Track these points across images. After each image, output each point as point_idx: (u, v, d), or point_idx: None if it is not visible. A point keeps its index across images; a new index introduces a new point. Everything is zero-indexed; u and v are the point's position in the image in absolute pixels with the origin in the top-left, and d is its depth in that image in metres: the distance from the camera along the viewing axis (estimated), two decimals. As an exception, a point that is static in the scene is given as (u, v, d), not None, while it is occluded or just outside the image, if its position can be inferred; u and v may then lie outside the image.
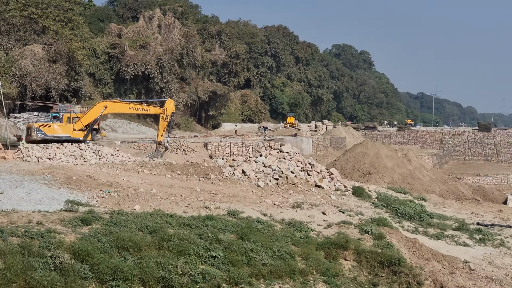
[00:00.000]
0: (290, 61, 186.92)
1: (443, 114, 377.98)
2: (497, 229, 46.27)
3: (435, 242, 38.00)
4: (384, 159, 69.43)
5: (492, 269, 34.92)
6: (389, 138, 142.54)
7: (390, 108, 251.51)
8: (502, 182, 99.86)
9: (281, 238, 29.07)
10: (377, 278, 27.80)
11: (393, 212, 43.42)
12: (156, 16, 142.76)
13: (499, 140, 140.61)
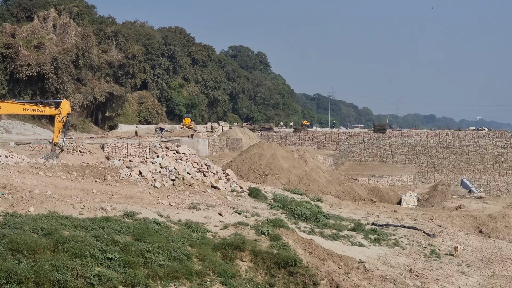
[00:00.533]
0: (187, 62, 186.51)
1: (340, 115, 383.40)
2: (392, 229, 47.24)
3: (331, 243, 38.49)
4: (280, 160, 69.91)
5: (386, 268, 35.59)
6: (285, 139, 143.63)
7: (286, 109, 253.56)
8: (396, 183, 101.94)
9: (177, 239, 28.94)
10: (274, 279, 27.93)
11: (290, 213, 43.76)
12: (51, 16, 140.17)
13: (394, 141, 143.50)
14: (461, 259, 42.82)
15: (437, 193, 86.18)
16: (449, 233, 51.06)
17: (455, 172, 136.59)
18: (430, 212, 63.80)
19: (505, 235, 57.31)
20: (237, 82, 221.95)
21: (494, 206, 72.53)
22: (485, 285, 37.28)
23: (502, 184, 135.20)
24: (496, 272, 40.99)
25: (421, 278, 35.93)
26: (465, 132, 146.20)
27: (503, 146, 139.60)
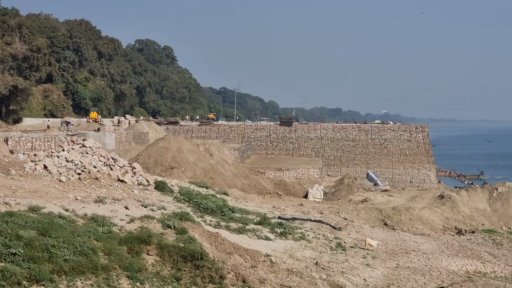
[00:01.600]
0: (93, 56, 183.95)
1: (246, 109, 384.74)
2: (298, 222, 47.75)
3: (237, 236, 38.69)
4: (186, 153, 69.82)
5: (293, 261, 35.97)
6: (191, 133, 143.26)
7: (192, 103, 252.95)
8: (303, 176, 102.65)
9: (83, 234, 28.70)
10: (180, 273, 27.96)
11: (196, 207, 43.82)
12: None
13: (300, 134, 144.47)
14: (374, 253, 43.65)
15: (343, 186, 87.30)
16: (355, 226, 51.95)
17: (361, 165, 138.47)
18: (336, 206, 64.74)
19: (409, 228, 58.59)
20: (143, 76, 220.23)
21: (398, 199, 74.02)
22: (389, 276, 38.07)
23: (406, 177, 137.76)
24: (400, 264, 41.91)
25: (327, 270, 36.46)
26: (370, 126, 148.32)
27: (408, 140, 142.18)
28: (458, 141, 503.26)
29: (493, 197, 74.96)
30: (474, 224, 65.59)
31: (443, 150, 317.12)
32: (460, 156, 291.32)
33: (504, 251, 53.76)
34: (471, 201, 72.55)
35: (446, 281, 38.54)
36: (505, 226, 69.13)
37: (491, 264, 46.15)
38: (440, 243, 52.83)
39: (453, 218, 65.72)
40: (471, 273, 41.90)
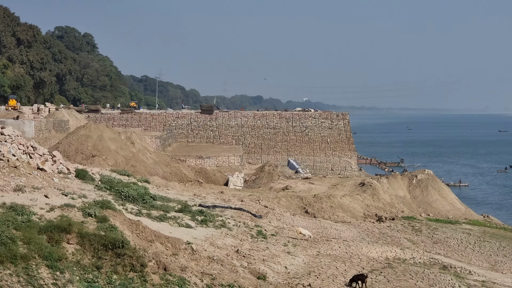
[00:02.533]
0: (11, 43, 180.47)
1: (167, 97, 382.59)
2: (219, 210, 47.77)
3: (158, 224, 38.54)
4: (107, 141, 69.25)
5: (214, 249, 35.97)
6: (112, 121, 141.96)
7: (114, 91, 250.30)
8: (223, 164, 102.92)
9: (1, 223, 28.16)
10: (101, 261, 27.70)
11: (117, 195, 43.46)
12: None
13: (221, 122, 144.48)
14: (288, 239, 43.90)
15: (264, 174, 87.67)
16: (275, 214, 52.21)
17: (282, 153, 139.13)
18: (257, 193, 64.98)
19: (330, 215, 59.15)
20: (63, 63, 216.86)
21: (320, 186, 74.65)
22: (310, 264, 38.39)
23: (327, 165, 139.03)
24: (321, 252, 42.31)
25: (248, 258, 36.57)
26: (291, 113, 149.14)
27: (329, 127, 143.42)
28: (379, 128, 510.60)
29: (412, 184, 76.30)
30: (394, 211, 66.61)
31: (364, 137, 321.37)
32: (380, 144, 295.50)
33: (423, 237, 54.81)
34: (391, 189, 73.69)
35: (366, 267, 39.07)
36: (424, 213, 70.44)
37: (411, 250, 46.99)
38: (360, 230, 53.54)
39: (374, 205, 66.62)
40: (390, 260, 42.55)
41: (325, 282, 34.64)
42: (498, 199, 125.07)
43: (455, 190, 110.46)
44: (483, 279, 40.58)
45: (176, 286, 28.37)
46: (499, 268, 47.54)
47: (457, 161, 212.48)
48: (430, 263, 43.29)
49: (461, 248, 52.68)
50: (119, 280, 27.01)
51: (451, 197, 77.11)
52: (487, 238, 57.81)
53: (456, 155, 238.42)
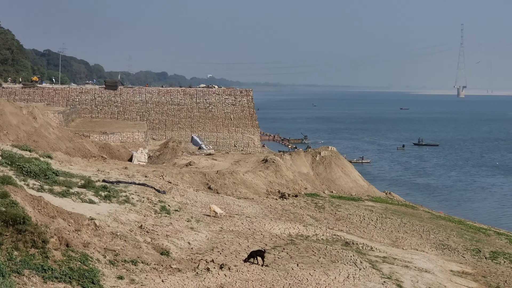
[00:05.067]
0: None
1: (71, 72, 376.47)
2: (123, 186, 47.46)
3: (61, 200, 38.06)
4: (8, 116, 67.79)
5: (117, 225, 35.78)
6: (14, 96, 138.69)
7: (15, 65, 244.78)
8: (128, 140, 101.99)
9: None
10: (1, 238, 27.22)
11: (18, 170, 42.66)
12: None
13: (126, 98, 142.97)
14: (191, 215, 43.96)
15: (168, 150, 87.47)
16: (179, 190, 52.17)
17: (186, 129, 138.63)
18: (161, 169, 64.73)
19: (233, 191, 59.40)
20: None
21: (223, 162, 74.85)
22: (213, 240, 38.56)
23: (231, 141, 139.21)
24: (224, 228, 42.51)
25: (151, 234, 36.50)
26: (196, 90, 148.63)
27: (232, 104, 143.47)
28: (283, 105, 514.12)
29: (316, 161, 77.11)
30: (297, 188, 67.26)
31: (268, 114, 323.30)
32: (284, 120, 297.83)
33: (326, 214, 55.53)
34: (294, 165, 74.32)
35: (269, 244, 39.42)
36: (327, 189, 71.35)
37: (313, 227, 47.58)
38: (263, 206, 53.92)
39: (277, 182, 67.12)
40: (293, 236, 43.02)
41: (228, 258, 34.83)
42: (398, 176, 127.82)
43: (357, 166, 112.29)
44: (384, 255, 41.45)
45: (78, 262, 28.14)
46: (400, 244, 48.58)
47: (360, 138, 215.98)
48: (332, 239, 43.93)
49: (363, 224, 53.61)
50: (20, 256, 26.61)
51: (354, 174, 78.32)
52: (388, 215, 58.99)
53: (359, 132, 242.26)
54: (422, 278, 37.03)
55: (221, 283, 31.03)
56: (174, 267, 32.05)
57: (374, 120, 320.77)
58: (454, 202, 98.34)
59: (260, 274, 33.06)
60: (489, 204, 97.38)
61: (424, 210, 71.04)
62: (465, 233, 56.60)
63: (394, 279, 35.46)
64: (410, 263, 40.54)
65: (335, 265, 36.16)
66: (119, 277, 29.02)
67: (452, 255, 47.47)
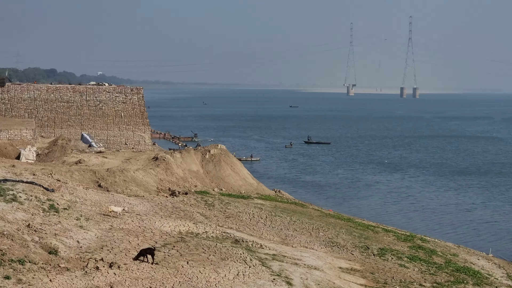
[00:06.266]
0: None
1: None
2: (10, 184, 46.44)
3: None
4: None
5: (4, 224, 35.10)
6: None
7: None
8: (15, 137, 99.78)
9: None
10: None
11: None
12: None
13: (13, 95, 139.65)
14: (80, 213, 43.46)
15: (57, 147, 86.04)
16: (68, 188, 51.43)
17: (76, 127, 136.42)
18: (49, 167, 63.71)
19: (124, 189, 59.02)
20: None
21: (113, 160, 74.17)
22: (103, 238, 38.26)
23: (121, 139, 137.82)
24: (114, 226, 42.20)
25: (39, 233, 35.93)
26: (85, 87, 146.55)
27: (123, 102, 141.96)
28: (174, 103, 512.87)
29: (206, 159, 77.31)
30: (187, 185, 67.34)
31: (158, 112, 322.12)
32: (175, 118, 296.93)
33: (215, 212, 55.76)
34: (184, 163, 74.33)
35: (160, 242, 39.38)
36: (217, 187, 71.64)
37: (203, 224, 47.74)
38: (154, 204, 53.76)
39: (167, 179, 67.03)
40: (184, 234, 43.08)
41: (117, 256, 34.65)
42: (287, 174, 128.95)
43: (247, 164, 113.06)
44: (274, 252, 41.94)
45: (-38, 262, 27.54)
46: (290, 242, 49.19)
47: (249, 136, 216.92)
48: (222, 237, 44.18)
49: (253, 222, 54.04)
50: None
51: (244, 172, 78.87)
52: (278, 213, 59.62)
53: (249, 129, 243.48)
54: (312, 275, 37.63)
55: (111, 281, 30.85)
56: (63, 266, 31.69)
57: (264, 118, 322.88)
58: (341, 199, 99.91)
59: (150, 272, 33.02)
60: (375, 201, 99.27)
61: (314, 208, 72.13)
62: (354, 231, 57.78)
63: (283, 276, 35.91)
64: (300, 260, 41.13)
65: (225, 262, 36.41)
66: (6, 277, 28.51)
67: (341, 252, 48.38)
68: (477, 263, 53.46)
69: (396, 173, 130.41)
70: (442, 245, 60.17)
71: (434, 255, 52.49)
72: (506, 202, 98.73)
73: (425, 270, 46.14)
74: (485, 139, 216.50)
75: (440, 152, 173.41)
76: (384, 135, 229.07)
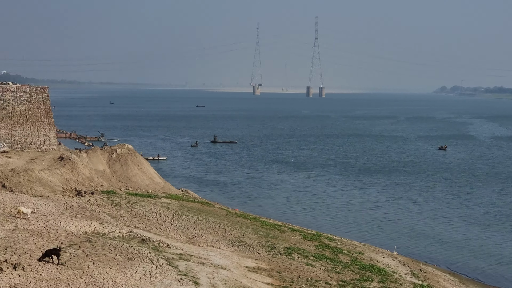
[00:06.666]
0: None
1: None
2: None
3: None
4: None
5: None
6: None
7: None
8: None
9: None
10: None
11: None
12: None
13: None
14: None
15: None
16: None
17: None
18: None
19: (28, 189, 58.22)
20: None
21: (17, 160, 73.06)
22: (7, 239, 37.69)
23: (26, 139, 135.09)
24: (18, 226, 41.60)
25: None
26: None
27: (28, 101, 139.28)
28: (80, 103, 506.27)
29: (112, 158, 76.82)
30: (94, 185, 66.81)
31: (64, 111, 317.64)
32: (81, 118, 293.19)
33: (122, 211, 55.50)
34: (91, 163, 73.74)
35: (65, 242, 39.03)
36: (124, 187, 71.29)
37: (110, 224, 47.49)
38: (59, 204, 53.18)
39: (73, 179, 66.37)
40: (90, 234, 42.79)
41: (22, 258, 34.22)
42: (194, 173, 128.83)
43: (154, 164, 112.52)
44: (181, 252, 42.02)
45: None
46: (196, 241, 49.30)
47: (156, 135, 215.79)
48: (129, 237, 44.04)
49: (160, 221, 53.99)
50: None
51: (150, 172, 78.64)
52: (185, 212, 59.68)
53: (155, 129, 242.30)
54: (218, 274, 37.84)
55: (15, 283, 30.46)
56: (-35, 268, 31.14)
57: (170, 118, 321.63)
58: (247, 198, 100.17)
59: (56, 273, 32.71)
60: (280, 200, 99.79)
61: (220, 207, 72.41)
62: (261, 230, 58.20)
63: (190, 276, 36.03)
64: (207, 259, 41.30)
65: (131, 262, 36.32)
66: None
67: (248, 251, 48.70)
68: (382, 261, 54.58)
69: (302, 172, 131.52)
70: (348, 243, 61.18)
71: (340, 253, 53.34)
72: (409, 200, 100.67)
73: (331, 268, 46.84)
74: (390, 138, 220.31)
75: (345, 151, 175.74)
76: (290, 134, 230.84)
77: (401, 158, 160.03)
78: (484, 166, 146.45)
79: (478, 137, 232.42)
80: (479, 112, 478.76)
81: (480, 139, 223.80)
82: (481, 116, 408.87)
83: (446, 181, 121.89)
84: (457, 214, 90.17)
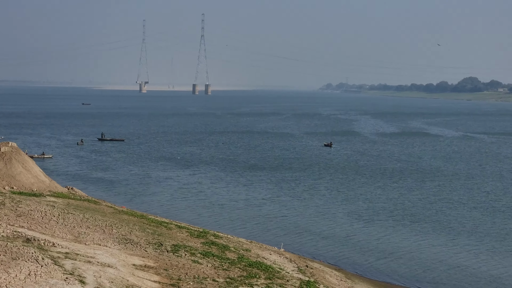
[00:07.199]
0: None
1: None
2: None
3: None
4: None
5: None
6: None
7: None
8: None
9: None
10: None
11: None
12: None
13: None
14: None
15: None
16: None
17: None
18: None
19: None
20: None
21: None
22: None
23: None
24: None
25: None
26: None
27: None
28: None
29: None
30: (-26, 184, 65.43)
31: None
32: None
33: (6, 210, 54.61)
34: (-28, 161, 72.19)
35: None
36: (8, 185, 70.14)
37: None
38: None
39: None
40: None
41: None
42: (80, 170, 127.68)
43: (39, 162, 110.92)
44: (66, 250, 41.73)
45: None
46: (83, 239, 48.97)
47: (41, 133, 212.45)
48: (13, 236, 43.46)
49: (45, 220, 53.36)
50: None
51: (36, 170, 77.51)
52: (71, 210, 59.14)
53: (40, 127, 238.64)
54: (105, 273, 37.81)
55: None
56: None
57: (56, 115, 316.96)
58: (132, 195, 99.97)
59: None
60: (165, 197, 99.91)
61: (107, 205, 72.07)
62: (147, 227, 58.24)
63: (76, 275, 35.89)
64: (93, 258, 41.17)
65: (16, 262, 35.91)
66: None
67: (135, 249, 48.69)
68: (269, 258, 55.42)
69: (187, 169, 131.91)
70: (235, 240, 61.86)
71: (227, 250, 53.88)
72: (295, 197, 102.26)
73: (219, 265, 47.30)
74: (275, 135, 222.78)
75: (230, 148, 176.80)
76: (177, 131, 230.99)
77: (286, 155, 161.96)
78: (368, 162, 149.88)
79: (363, 133, 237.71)
80: (364, 109, 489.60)
81: (365, 135, 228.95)
82: (367, 112, 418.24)
83: (331, 177, 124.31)
84: (341, 210, 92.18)
